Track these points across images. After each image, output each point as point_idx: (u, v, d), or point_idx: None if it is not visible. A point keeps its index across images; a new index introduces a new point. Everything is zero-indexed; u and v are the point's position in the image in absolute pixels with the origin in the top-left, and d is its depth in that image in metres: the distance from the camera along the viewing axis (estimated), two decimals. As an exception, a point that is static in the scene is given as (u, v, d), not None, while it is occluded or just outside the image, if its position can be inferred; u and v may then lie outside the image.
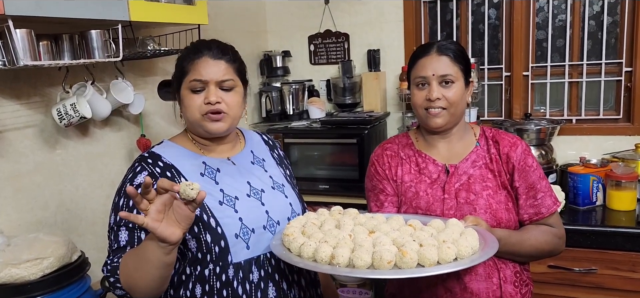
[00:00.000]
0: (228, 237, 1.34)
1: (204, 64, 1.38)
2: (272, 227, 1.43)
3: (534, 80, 2.91)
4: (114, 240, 1.32)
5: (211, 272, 1.36)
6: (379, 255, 1.16)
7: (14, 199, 1.78)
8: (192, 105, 1.38)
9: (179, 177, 1.37)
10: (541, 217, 1.54)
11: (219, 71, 1.38)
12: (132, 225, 1.30)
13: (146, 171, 1.36)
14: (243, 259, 1.37)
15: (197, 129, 1.42)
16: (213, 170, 1.43)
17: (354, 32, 3.20)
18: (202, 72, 1.37)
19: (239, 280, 1.36)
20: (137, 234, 1.31)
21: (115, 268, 1.27)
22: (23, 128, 1.81)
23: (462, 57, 1.53)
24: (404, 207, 1.56)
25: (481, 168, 1.55)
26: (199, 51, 1.39)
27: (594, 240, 2.24)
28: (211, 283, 1.35)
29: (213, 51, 1.40)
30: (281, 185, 1.53)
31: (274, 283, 1.41)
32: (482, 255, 1.22)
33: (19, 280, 1.53)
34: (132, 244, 1.30)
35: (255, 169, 1.51)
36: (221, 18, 2.84)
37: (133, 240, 1.30)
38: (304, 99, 3.17)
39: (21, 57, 1.50)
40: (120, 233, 1.31)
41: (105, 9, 1.71)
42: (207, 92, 1.37)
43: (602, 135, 2.76)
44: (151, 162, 1.38)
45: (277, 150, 1.65)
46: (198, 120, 1.38)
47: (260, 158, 1.55)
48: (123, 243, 1.30)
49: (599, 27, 2.77)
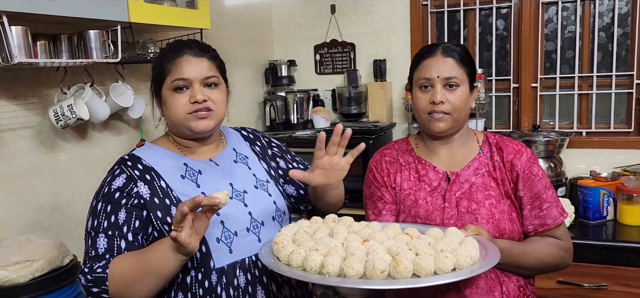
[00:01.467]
0: (209, 241, 1.31)
1: (186, 62, 1.34)
2: (256, 228, 1.39)
3: (542, 92, 2.86)
4: (91, 247, 1.27)
5: (193, 279, 1.31)
6: (372, 264, 1.11)
7: (7, 201, 1.75)
8: (176, 105, 1.34)
9: (159, 180, 1.34)
10: (547, 228, 1.47)
11: (203, 69, 1.35)
12: (111, 232, 1.27)
13: (125, 174, 1.33)
14: (226, 263, 1.32)
15: (181, 130, 1.38)
16: (194, 172, 1.39)
17: (361, 42, 3.17)
18: (184, 70, 1.33)
19: (223, 286, 1.32)
20: (116, 242, 1.26)
21: (101, 279, 1.22)
22: (19, 129, 1.79)
23: (468, 60, 1.48)
24: (403, 216, 1.51)
25: (484, 176, 1.49)
26: (179, 50, 1.36)
27: (604, 256, 2.17)
28: (193, 290, 1.31)
29: (193, 49, 1.36)
30: (264, 182, 1.48)
31: (262, 286, 1.37)
32: (482, 265, 1.16)
33: (8, 282, 1.49)
34: (111, 252, 1.26)
35: (238, 169, 1.47)
36: (226, 25, 2.83)
37: (112, 248, 1.26)
38: (308, 108, 3.15)
39: (16, 55, 1.48)
40: (98, 240, 1.27)
41: (104, 9, 1.69)
42: (192, 91, 1.33)
43: (613, 148, 2.69)
44: (131, 165, 1.35)
45: (260, 141, 1.60)
46: (183, 119, 1.35)
47: (243, 156, 1.51)
48: (101, 251, 1.26)
49: (609, 39, 2.71)
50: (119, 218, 1.27)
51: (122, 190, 1.30)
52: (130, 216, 1.28)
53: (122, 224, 1.27)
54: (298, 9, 3.28)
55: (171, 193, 1.33)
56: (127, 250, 1.26)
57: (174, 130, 1.41)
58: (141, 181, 1.32)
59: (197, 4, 2.15)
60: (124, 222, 1.28)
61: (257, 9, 3.20)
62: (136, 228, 1.28)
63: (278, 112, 3.08)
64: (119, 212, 1.28)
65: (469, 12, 2.97)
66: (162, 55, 1.39)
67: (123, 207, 1.28)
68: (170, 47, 1.40)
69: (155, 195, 1.31)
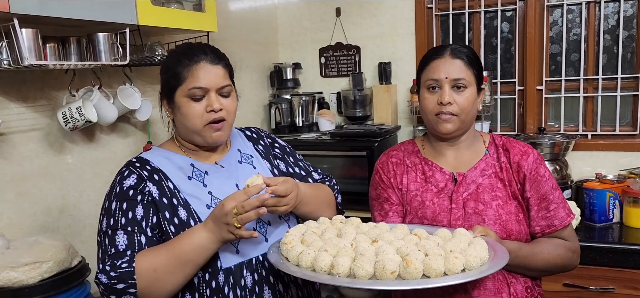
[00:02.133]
0: None
1: (204, 70, 1.33)
2: (263, 228, 1.39)
3: (548, 94, 2.86)
4: (109, 244, 1.27)
5: (200, 279, 1.32)
6: (382, 264, 1.11)
7: (16, 203, 1.77)
8: (193, 114, 1.34)
9: (166, 181, 1.35)
10: (554, 229, 1.47)
11: (218, 77, 1.35)
12: (130, 229, 1.27)
13: (135, 174, 1.34)
14: (233, 264, 1.33)
15: (194, 137, 1.38)
16: (201, 172, 1.40)
17: (365, 45, 3.18)
18: (201, 79, 1.33)
19: (230, 286, 1.32)
20: (137, 237, 1.27)
21: (128, 274, 1.21)
22: (28, 131, 1.80)
23: (476, 61, 1.48)
24: (409, 217, 1.51)
25: (490, 178, 1.49)
26: (195, 56, 1.35)
27: (611, 258, 2.17)
28: (201, 290, 1.32)
29: (209, 56, 1.36)
30: None
31: (269, 285, 1.37)
32: (491, 266, 1.16)
33: (17, 283, 1.50)
34: (133, 248, 1.25)
35: (243, 169, 1.47)
36: (231, 28, 2.84)
37: (133, 244, 1.26)
38: (313, 111, 3.15)
39: (26, 57, 1.49)
40: (117, 237, 1.26)
41: (113, 12, 1.70)
42: (208, 99, 1.34)
43: (619, 151, 2.69)
44: (139, 166, 1.36)
45: (263, 140, 1.60)
46: (199, 130, 1.35)
47: (248, 155, 1.52)
48: (122, 247, 1.25)
49: (615, 42, 2.71)
50: (137, 214, 1.28)
51: (135, 187, 1.31)
52: (148, 211, 1.29)
53: (140, 220, 1.28)
54: (303, 12, 3.29)
55: (179, 195, 1.33)
56: (148, 245, 1.27)
57: (186, 136, 1.41)
58: (150, 181, 1.33)
59: (204, 7, 2.16)
60: (142, 217, 1.28)
61: (263, 12, 3.21)
62: (153, 224, 1.29)
63: (283, 115, 3.09)
64: (136, 208, 1.29)
65: (473, 15, 2.98)
66: (174, 58, 1.37)
67: (139, 203, 1.29)
68: (183, 51, 1.38)
69: (164, 195, 1.32)
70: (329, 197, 1.56)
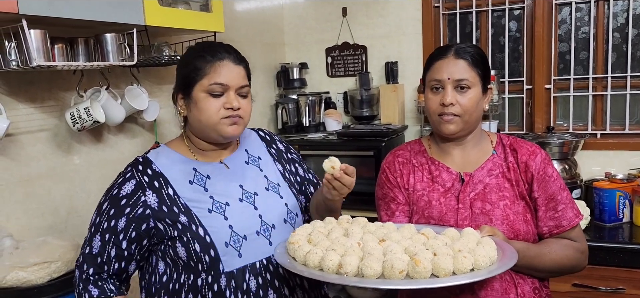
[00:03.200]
0: (217, 245, 1.31)
1: (227, 68, 1.35)
2: (267, 231, 1.39)
3: (556, 93, 2.84)
4: (88, 242, 1.35)
5: (203, 282, 1.32)
6: (390, 263, 1.10)
7: (25, 203, 1.78)
8: (210, 109, 1.34)
9: (167, 187, 1.35)
10: (562, 230, 1.46)
11: (239, 77, 1.37)
12: (107, 237, 1.32)
13: (134, 180, 1.36)
14: (235, 268, 1.33)
15: (208, 133, 1.38)
16: (203, 177, 1.39)
17: (372, 45, 3.17)
18: (224, 76, 1.34)
19: (232, 290, 1.32)
20: (108, 248, 1.32)
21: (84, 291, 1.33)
22: (36, 131, 1.81)
23: (481, 61, 1.47)
24: (416, 217, 1.50)
25: (498, 177, 1.48)
26: (218, 53, 1.36)
27: (621, 259, 2.15)
28: (204, 292, 1.32)
29: (232, 56, 1.38)
30: (276, 184, 1.48)
31: (274, 289, 1.37)
32: (500, 265, 1.15)
33: (26, 283, 1.52)
34: (102, 257, 1.32)
35: (249, 170, 1.47)
36: (238, 28, 2.84)
37: (103, 254, 1.32)
38: (320, 111, 3.15)
39: (34, 57, 1.50)
40: (95, 239, 1.34)
41: (121, 13, 1.71)
42: (227, 97, 1.34)
43: (628, 150, 2.67)
44: (141, 169, 1.37)
45: (276, 144, 1.60)
46: (215, 123, 1.35)
47: (255, 157, 1.51)
48: (95, 252, 1.33)
49: (624, 40, 2.69)
50: (118, 225, 1.32)
51: (129, 197, 1.33)
52: (129, 225, 1.32)
53: (119, 231, 1.32)
54: (309, 12, 3.28)
55: (178, 201, 1.34)
56: (116, 259, 1.33)
57: (198, 133, 1.41)
58: (149, 189, 1.34)
59: (211, 7, 2.16)
60: (122, 229, 1.32)
61: (269, 12, 3.21)
62: (132, 238, 1.33)
63: (290, 115, 3.09)
64: (119, 219, 1.32)
65: (481, 14, 2.96)
66: (195, 54, 1.38)
67: (125, 215, 1.32)
68: (204, 47, 1.40)
69: (163, 203, 1.33)
70: None
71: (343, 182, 1.29)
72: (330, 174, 1.29)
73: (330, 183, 1.30)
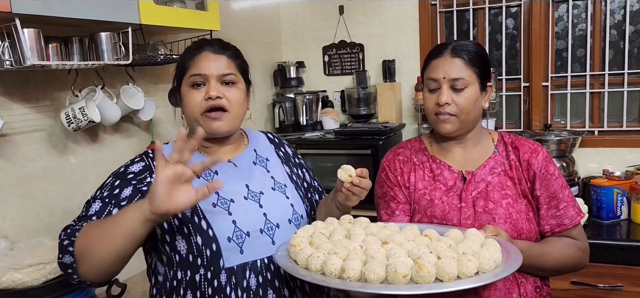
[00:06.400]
0: (220, 240, 1.29)
1: (205, 58, 1.34)
2: (271, 230, 1.37)
3: (553, 91, 2.84)
4: (84, 210, 1.28)
5: (202, 278, 1.30)
6: (394, 268, 1.07)
7: (20, 204, 1.76)
8: (192, 102, 1.33)
9: None
10: (564, 228, 1.45)
11: (220, 65, 1.35)
12: (108, 200, 1.26)
13: (144, 162, 1.35)
14: (236, 264, 1.31)
15: (196, 127, 1.36)
16: (211, 172, 1.38)
17: (369, 43, 3.16)
18: (202, 66, 1.33)
19: (232, 286, 1.30)
20: (109, 208, 1.25)
21: (74, 231, 1.18)
22: (31, 132, 1.79)
23: (478, 59, 1.45)
24: (418, 216, 1.49)
25: (500, 176, 1.47)
26: (199, 47, 1.37)
27: (619, 256, 2.15)
28: (202, 289, 1.30)
29: (214, 46, 1.37)
30: (283, 185, 1.47)
31: (274, 289, 1.35)
32: (505, 268, 1.13)
33: (21, 285, 1.50)
34: (100, 216, 1.24)
35: (256, 170, 1.46)
36: (234, 27, 2.82)
37: (102, 213, 1.24)
38: (317, 109, 3.14)
39: (28, 57, 1.48)
40: (93, 204, 1.26)
41: (115, 11, 1.69)
42: (207, 86, 1.33)
43: (626, 147, 2.67)
44: (152, 156, 1.36)
45: (284, 147, 1.59)
46: (198, 118, 1.34)
47: (263, 158, 1.50)
48: (91, 212, 1.25)
49: (621, 37, 2.69)
50: (123, 193, 1.27)
51: (137, 175, 1.32)
52: (134, 195, 1.28)
53: (123, 198, 1.27)
54: (306, 10, 3.27)
55: None
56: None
57: (190, 126, 1.41)
58: None
59: (206, 6, 2.15)
60: (126, 197, 1.27)
61: (266, 10, 3.20)
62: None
63: (287, 114, 3.08)
64: (125, 188, 1.29)
65: (478, 12, 2.96)
66: (184, 53, 1.41)
67: (131, 185, 1.29)
68: (193, 44, 1.42)
69: None
70: None
71: (362, 186, 1.29)
72: (349, 182, 1.28)
73: (350, 190, 1.29)
